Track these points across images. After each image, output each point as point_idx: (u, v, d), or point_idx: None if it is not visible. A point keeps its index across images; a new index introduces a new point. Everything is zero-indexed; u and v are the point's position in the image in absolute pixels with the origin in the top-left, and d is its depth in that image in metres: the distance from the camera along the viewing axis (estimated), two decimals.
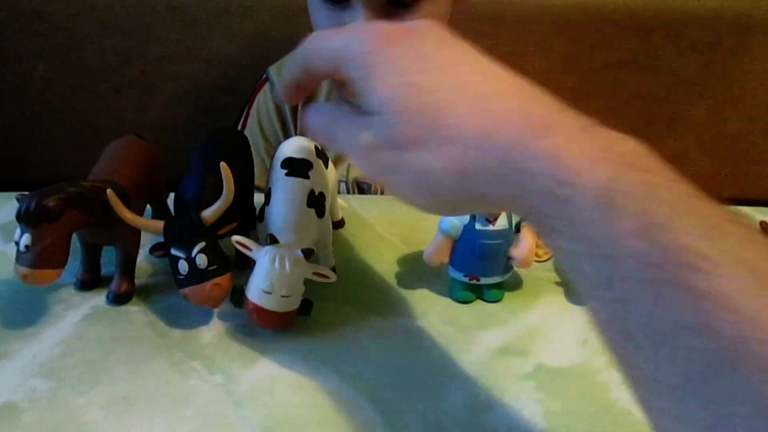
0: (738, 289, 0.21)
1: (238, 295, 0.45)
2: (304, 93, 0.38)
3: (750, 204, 0.71)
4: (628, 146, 0.26)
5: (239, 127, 0.87)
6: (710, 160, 1.13)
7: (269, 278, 0.43)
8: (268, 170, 0.53)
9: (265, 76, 0.85)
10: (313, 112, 0.36)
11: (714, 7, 1.02)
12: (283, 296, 0.43)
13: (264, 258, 0.44)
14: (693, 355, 0.22)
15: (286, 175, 0.49)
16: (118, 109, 1.07)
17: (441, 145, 0.29)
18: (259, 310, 0.44)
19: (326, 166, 0.53)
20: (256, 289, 0.44)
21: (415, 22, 0.33)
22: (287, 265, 0.43)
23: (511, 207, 0.30)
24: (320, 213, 0.49)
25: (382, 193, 0.82)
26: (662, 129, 1.11)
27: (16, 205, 0.60)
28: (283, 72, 0.55)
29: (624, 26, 1.02)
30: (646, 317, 0.23)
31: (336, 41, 0.33)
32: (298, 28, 1.00)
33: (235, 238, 0.45)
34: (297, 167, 0.49)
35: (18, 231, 0.42)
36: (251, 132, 0.87)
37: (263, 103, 0.85)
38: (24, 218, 0.42)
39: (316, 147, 0.53)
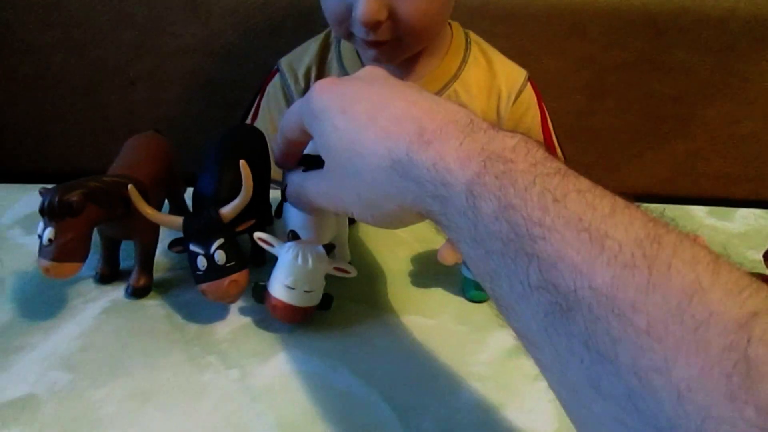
0: (569, 247, 0.25)
1: (259, 291, 0.46)
2: (294, 159, 0.46)
3: (762, 204, 0.71)
4: (507, 142, 0.30)
5: (249, 119, 0.87)
6: (723, 160, 1.13)
7: (292, 274, 0.44)
8: None
9: (275, 67, 0.85)
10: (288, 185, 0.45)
11: (729, 8, 1.02)
12: (305, 291, 0.44)
13: (287, 254, 0.44)
14: (540, 309, 0.26)
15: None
16: (131, 103, 1.08)
17: (361, 173, 0.35)
18: (282, 306, 0.44)
19: None
20: (279, 285, 0.44)
21: (359, 72, 0.40)
22: (310, 261, 0.44)
23: (418, 214, 0.34)
24: None
25: None
26: (675, 129, 1.11)
27: (33, 197, 0.61)
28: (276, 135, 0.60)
29: (638, 26, 1.02)
30: (509, 285, 0.27)
31: (296, 105, 0.41)
32: (312, 23, 1.00)
33: (257, 234, 0.46)
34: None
35: (41, 224, 0.43)
36: (262, 123, 0.87)
37: (273, 94, 0.85)
38: (47, 212, 0.42)
39: None
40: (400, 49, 0.73)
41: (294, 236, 0.46)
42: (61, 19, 1.01)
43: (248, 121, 0.88)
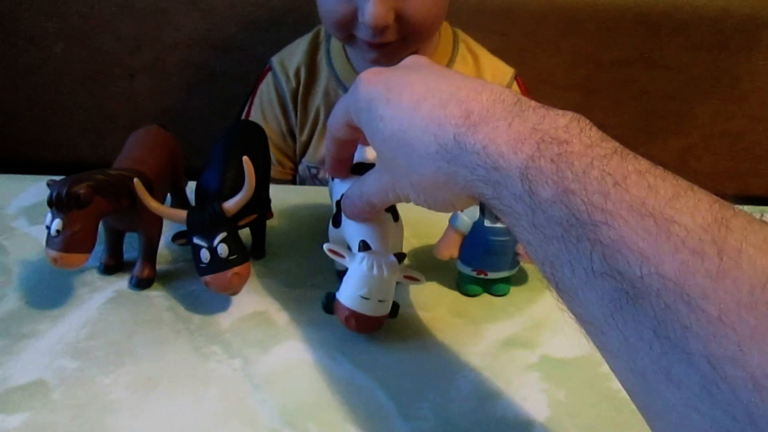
0: (633, 233, 0.24)
1: (330, 302, 0.46)
2: (346, 165, 0.47)
3: (754, 200, 0.72)
4: (559, 121, 0.29)
5: (244, 115, 0.88)
6: (715, 157, 1.15)
7: (368, 285, 0.44)
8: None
9: (268, 65, 0.86)
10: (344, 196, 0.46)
11: (722, 6, 1.03)
12: (379, 301, 0.44)
13: (361, 265, 0.44)
14: (606, 296, 0.25)
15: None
16: (131, 94, 1.09)
17: (412, 162, 0.34)
18: (357, 316, 0.44)
19: None
20: (354, 296, 0.44)
21: (402, 62, 0.41)
22: (385, 271, 0.44)
23: (471, 197, 0.33)
24: (395, 217, 0.49)
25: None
26: (668, 126, 1.12)
27: (38, 187, 0.63)
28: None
29: (633, 24, 1.03)
30: (570, 271, 0.27)
31: (341, 102, 0.41)
32: (312, 16, 1.01)
33: (327, 246, 0.46)
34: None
35: (49, 216, 0.44)
36: (255, 121, 0.88)
37: (266, 92, 0.86)
38: (56, 204, 0.43)
39: None
40: (402, 49, 0.74)
41: (366, 246, 0.45)
42: (62, 9, 1.02)
43: (243, 117, 0.89)
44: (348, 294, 0.44)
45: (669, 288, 0.23)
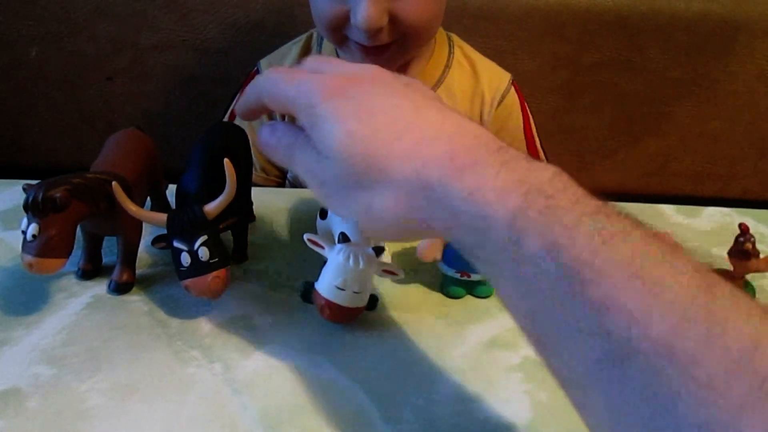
0: (622, 293, 0.24)
1: (308, 290, 0.47)
2: (258, 116, 0.43)
3: (730, 202, 0.73)
4: (543, 175, 0.29)
5: (227, 117, 0.87)
6: (692, 159, 1.16)
7: (343, 275, 0.44)
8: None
9: (255, 68, 0.86)
10: (271, 132, 0.39)
11: (700, 10, 1.04)
12: (355, 292, 0.45)
13: (338, 256, 0.45)
14: (591, 354, 0.25)
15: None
16: (109, 97, 1.08)
17: (379, 188, 0.33)
18: (332, 306, 0.45)
19: None
20: (330, 286, 0.45)
21: (363, 71, 0.38)
22: (361, 263, 0.44)
23: (444, 236, 0.33)
24: None
25: None
26: (647, 128, 1.13)
27: (12, 193, 0.62)
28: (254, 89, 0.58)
29: (612, 27, 1.04)
30: (554, 325, 0.27)
31: (288, 90, 0.37)
32: (292, 19, 1.01)
33: (307, 236, 0.46)
34: None
35: (25, 220, 0.43)
36: (240, 124, 0.87)
37: None
38: (31, 208, 0.43)
39: None
40: (399, 54, 0.73)
41: (345, 238, 0.46)
42: (37, 11, 1.00)
43: (226, 119, 0.88)
44: (325, 284, 0.45)
45: (658, 351, 0.23)
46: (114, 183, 0.45)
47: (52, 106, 1.08)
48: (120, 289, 0.50)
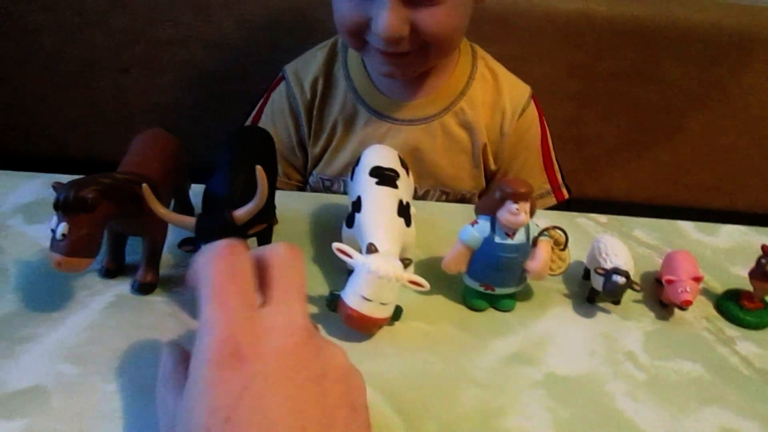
0: None
1: (334, 300, 0.47)
2: None
3: (740, 215, 0.73)
4: None
5: (250, 121, 0.87)
6: (703, 170, 1.16)
7: (371, 286, 0.44)
8: (350, 176, 0.55)
9: (281, 74, 0.85)
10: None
11: (715, 22, 1.04)
12: (382, 303, 0.45)
13: (366, 266, 0.45)
14: None
15: (377, 184, 0.51)
16: (123, 89, 1.08)
17: None
18: (359, 316, 0.45)
19: (408, 174, 0.55)
20: (356, 296, 0.45)
21: (285, 356, 0.31)
22: (389, 275, 0.44)
23: None
24: (408, 223, 0.50)
25: None
26: (659, 138, 1.13)
27: (33, 186, 0.62)
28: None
29: (628, 37, 1.04)
30: None
31: (205, 314, 0.32)
32: (310, 20, 1.00)
33: (336, 245, 0.47)
34: (386, 177, 0.51)
35: (54, 219, 0.43)
36: (264, 126, 0.87)
37: (278, 102, 0.85)
38: (62, 207, 0.43)
39: (399, 156, 0.54)
40: (419, 63, 0.73)
41: (373, 249, 0.46)
42: (55, 1, 1.00)
43: (249, 123, 0.88)
44: (351, 293, 0.45)
45: None
46: (144, 185, 0.45)
47: (65, 97, 1.08)
48: (144, 289, 0.50)
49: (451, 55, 0.79)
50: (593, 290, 0.53)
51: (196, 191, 0.59)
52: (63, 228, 0.43)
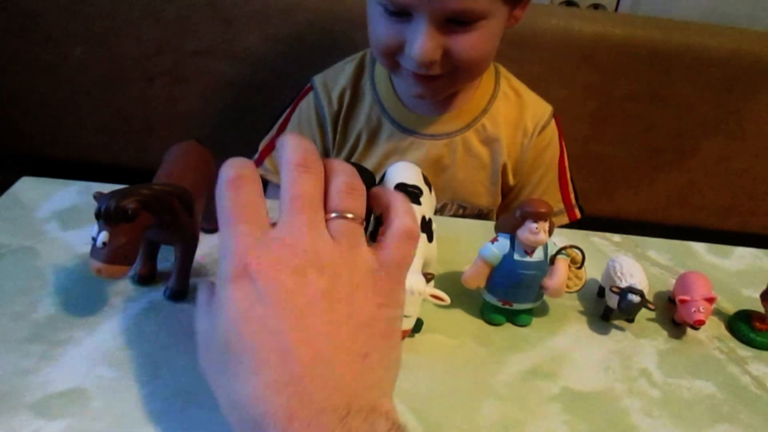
0: None
1: None
2: None
3: (752, 237, 0.75)
4: (354, 423, 0.31)
5: (276, 130, 0.89)
6: (716, 193, 1.17)
7: None
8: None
9: (309, 84, 0.88)
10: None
11: (732, 48, 1.06)
12: (404, 316, 0.46)
13: None
14: None
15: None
16: (148, 99, 1.10)
17: (225, 384, 0.35)
18: None
19: (430, 191, 0.56)
20: None
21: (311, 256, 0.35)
22: (412, 288, 0.45)
23: None
24: (430, 238, 0.51)
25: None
26: (673, 160, 1.15)
27: (68, 192, 0.64)
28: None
29: (644, 60, 1.06)
30: None
31: (223, 233, 0.37)
32: (333, 33, 1.03)
33: None
34: (410, 194, 0.52)
35: (95, 228, 0.45)
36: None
37: (305, 111, 0.87)
38: (104, 216, 0.44)
39: (422, 174, 0.56)
40: (449, 85, 0.75)
41: None
42: (87, 10, 1.03)
43: (274, 132, 0.90)
44: None
45: None
46: None
47: (91, 104, 1.11)
48: (176, 296, 0.52)
49: (480, 76, 0.81)
50: (608, 308, 0.54)
51: None
52: (104, 236, 0.45)
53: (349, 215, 0.37)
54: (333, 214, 0.37)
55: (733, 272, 0.64)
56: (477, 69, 0.76)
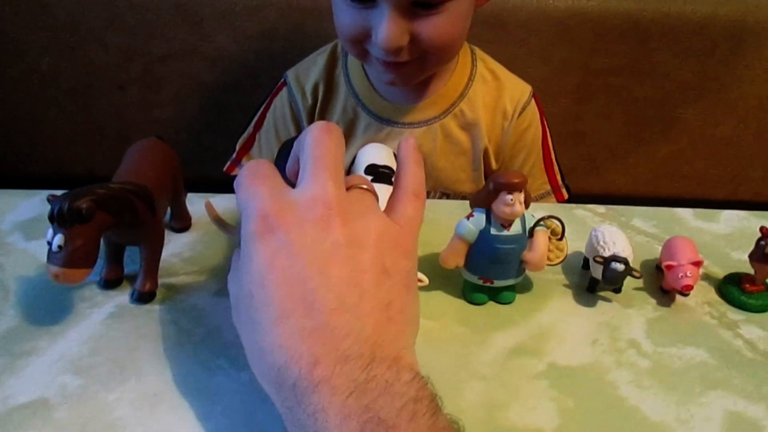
0: None
1: None
2: None
3: (741, 204, 0.73)
4: (394, 403, 0.30)
5: (252, 128, 0.88)
6: (703, 162, 1.16)
7: None
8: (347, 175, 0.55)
9: (282, 80, 0.86)
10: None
11: (708, 13, 1.05)
12: None
13: None
14: None
15: (373, 181, 0.51)
16: (121, 107, 1.09)
17: (249, 332, 0.36)
18: None
19: None
20: None
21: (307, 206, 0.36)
22: None
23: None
24: None
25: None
26: (657, 132, 1.13)
27: (32, 203, 0.62)
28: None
29: (621, 31, 1.05)
30: None
31: (240, 197, 0.38)
32: (304, 28, 1.01)
33: None
34: (382, 174, 0.51)
35: (50, 231, 0.43)
36: (266, 135, 0.88)
37: (280, 107, 0.86)
38: (57, 219, 0.43)
39: (393, 154, 0.54)
40: (419, 71, 0.73)
41: None
42: (50, 21, 1.01)
43: (251, 130, 0.88)
44: None
45: None
46: (206, 201, 0.46)
47: (63, 116, 1.09)
48: (143, 298, 0.50)
49: (451, 61, 0.79)
50: (593, 279, 0.52)
51: (193, 200, 0.59)
52: (59, 240, 0.43)
53: (364, 186, 0.40)
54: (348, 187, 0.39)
55: (721, 236, 0.63)
56: (447, 53, 0.74)
